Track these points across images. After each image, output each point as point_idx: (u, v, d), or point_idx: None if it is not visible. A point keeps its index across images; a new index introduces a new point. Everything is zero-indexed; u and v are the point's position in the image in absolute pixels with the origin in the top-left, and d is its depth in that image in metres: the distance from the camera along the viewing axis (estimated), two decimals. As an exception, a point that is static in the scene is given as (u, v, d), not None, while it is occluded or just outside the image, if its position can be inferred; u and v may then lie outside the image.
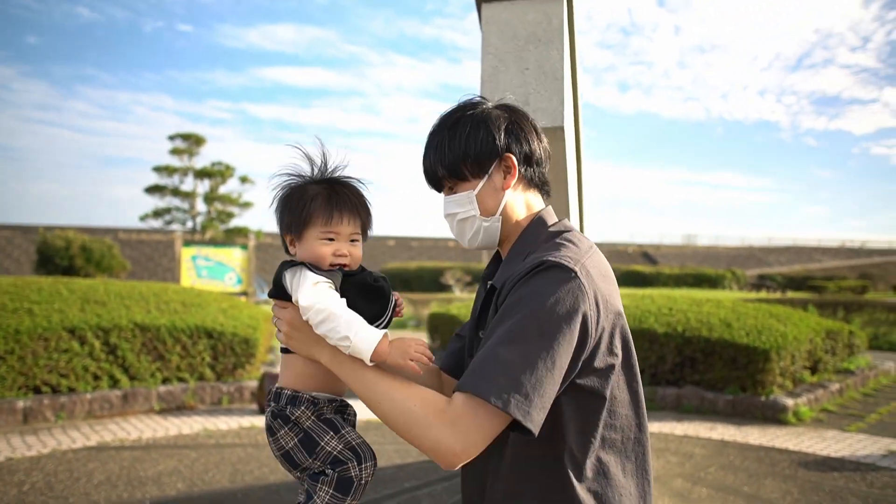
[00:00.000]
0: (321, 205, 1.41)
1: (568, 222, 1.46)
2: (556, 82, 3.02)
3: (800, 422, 7.32)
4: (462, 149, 1.39)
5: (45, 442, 5.91)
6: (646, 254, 58.16)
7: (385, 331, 1.34)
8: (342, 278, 1.37)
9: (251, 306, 10.41)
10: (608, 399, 1.32)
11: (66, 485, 4.87)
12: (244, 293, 18.87)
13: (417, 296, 23.14)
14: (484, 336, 1.34)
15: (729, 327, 8.19)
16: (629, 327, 1.38)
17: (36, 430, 6.23)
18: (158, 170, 36.12)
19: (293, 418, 1.38)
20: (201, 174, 36.38)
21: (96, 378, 7.09)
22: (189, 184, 37.00)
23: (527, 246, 1.40)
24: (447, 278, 27.46)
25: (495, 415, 1.21)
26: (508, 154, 1.40)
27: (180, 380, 7.63)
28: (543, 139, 1.48)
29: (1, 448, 5.64)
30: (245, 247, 20.19)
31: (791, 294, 28.73)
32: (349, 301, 1.33)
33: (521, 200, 1.45)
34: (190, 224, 37.49)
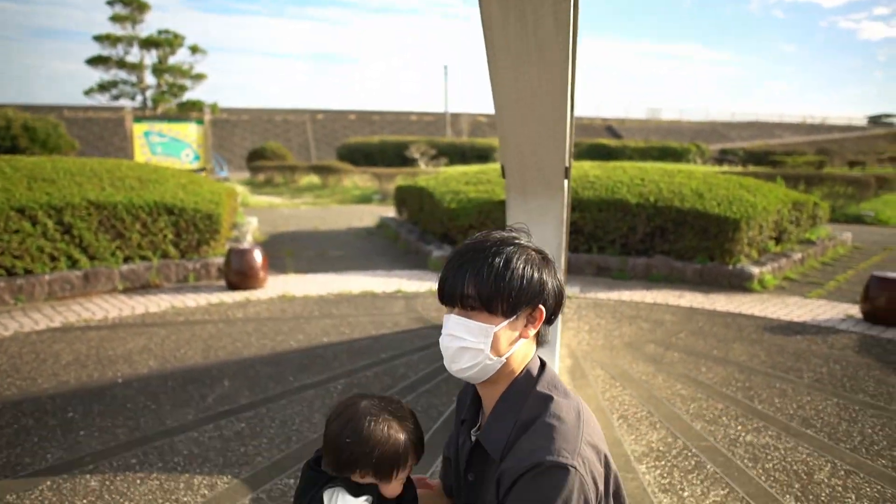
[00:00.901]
0: (416, 444, 1.43)
1: (550, 373, 1.43)
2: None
3: (764, 289, 7.52)
4: (511, 285, 1.33)
5: (5, 325, 5.71)
6: (610, 127, 57.87)
7: None
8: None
9: (212, 182, 10.01)
10: None
11: (32, 366, 4.73)
12: (202, 169, 18.20)
13: (382, 170, 22.71)
14: None
15: (701, 198, 8.18)
16: (602, 197, 1.28)
17: (-6, 311, 6.01)
18: (100, 39, 33.61)
19: None
20: (147, 43, 34.03)
21: (53, 259, 6.80)
22: (135, 55, 34.71)
23: (516, 405, 1.37)
24: (412, 151, 26.89)
25: None
26: (542, 307, 1.37)
27: (143, 258, 7.38)
28: (562, 292, 1.45)
29: (-42, 329, 5.44)
30: (201, 121, 19.21)
31: (752, 168, 29.12)
32: None
33: (526, 350, 1.41)
34: (140, 98, 35.55)
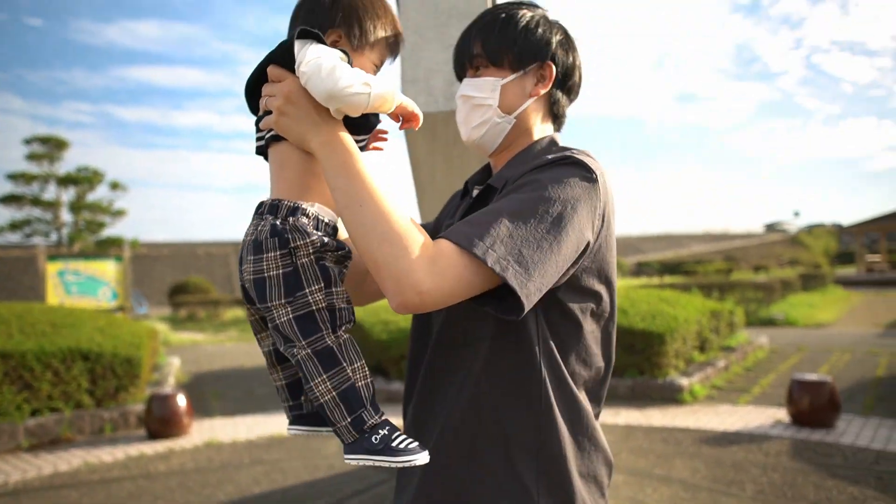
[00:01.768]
0: (395, 35, 1.25)
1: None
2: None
3: (695, 399, 7.68)
4: (513, 36, 1.30)
5: None
6: (533, 246, 60.11)
7: None
8: None
9: (132, 322, 9.58)
10: (584, 332, 1.25)
11: (-84, 547, 4.15)
12: (121, 308, 17.46)
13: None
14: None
15: (625, 314, 8.46)
16: None
17: None
18: (14, 177, 32.79)
19: (291, 245, 1.07)
20: (65, 181, 33.42)
21: (-51, 417, 6.20)
22: (51, 192, 33.93)
23: (536, 155, 1.29)
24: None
25: (479, 274, 1.07)
26: (551, 63, 1.33)
27: (53, 409, 6.82)
28: (582, 74, 1.41)
29: None
30: (120, 258, 18.67)
31: (668, 279, 30.62)
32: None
33: (539, 115, 1.36)
34: (55, 236, 34.38)
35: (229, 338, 17.81)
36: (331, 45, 1.13)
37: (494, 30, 1.31)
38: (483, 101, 1.31)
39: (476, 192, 1.37)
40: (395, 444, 1.05)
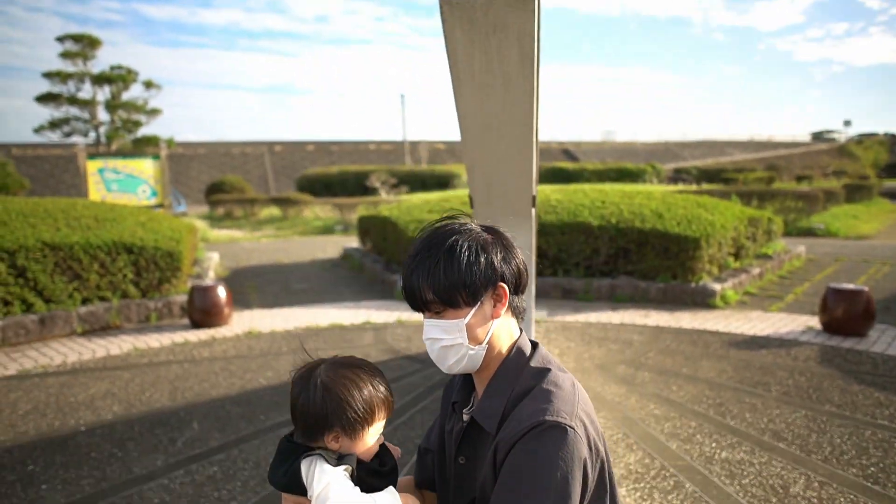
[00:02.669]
0: (385, 397, 1.39)
1: (543, 351, 1.45)
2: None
3: (727, 305, 7.69)
4: (461, 276, 1.35)
5: (-44, 373, 5.46)
6: (567, 150, 58.98)
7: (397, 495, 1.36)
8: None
9: (171, 218, 9.81)
10: None
11: (-14, 416, 4.51)
12: (160, 205, 17.89)
13: (343, 200, 22.63)
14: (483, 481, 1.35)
15: (661, 218, 8.36)
16: (565, 220, 1.28)
17: (-56, 362, 5.74)
18: (49, 76, 32.92)
19: None
20: (100, 80, 33.46)
21: (7, 304, 6.55)
22: (87, 91, 34.06)
23: (509, 381, 1.39)
24: (372, 181, 26.90)
25: None
26: (502, 283, 1.39)
27: (102, 299, 7.17)
28: (524, 261, 1.47)
29: None
30: (157, 157, 18.92)
31: (706, 186, 29.95)
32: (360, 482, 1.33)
33: (505, 328, 1.43)
34: (93, 135, 34.83)
35: (265, 235, 18.20)
36: (332, 441, 1.32)
37: (439, 275, 1.34)
38: (453, 342, 1.38)
39: (467, 420, 1.45)
40: None
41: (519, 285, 1.43)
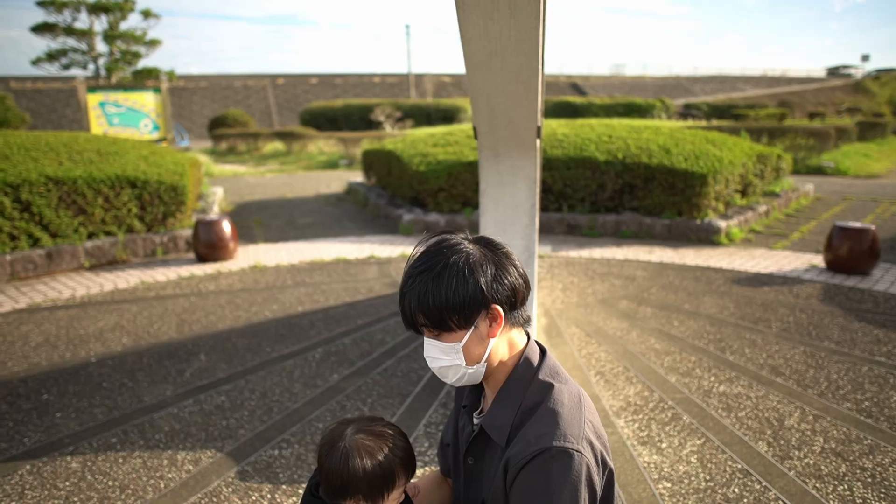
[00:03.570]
0: (405, 462, 1.43)
1: (551, 361, 1.43)
2: None
3: (731, 242, 7.68)
4: (448, 301, 1.32)
5: (-33, 305, 5.54)
6: (575, 85, 57.72)
7: None
8: None
9: (174, 152, 9.73)
10: None
11: (0, 349, 4.62)
12: (163, 139, 17.73)
13: (347, 134, 22.36)
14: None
15: (668, 153, 8.24)
16: (571, 155, 1.24)
17: (-45, 294, 5.83)
18: (44, 4, 32.05)
19: None
20: (96, 8, 32.58)
21: (13, 238, 6.59)
22: (84, 21, 33.23)
23: (518, 393, 1.39)
24: (377, 115, 26.47)
25: None
26: (495, 305, 1.35)
27: (108, 233, 7.20)
28: (522, 274, 1.42)
29: (-82, 314, 5.26)
30: (158, 90, 18.62)
31: (716, 122, 29.40)
32: None
33: (505, 341, 1.41)
34: (92, 68, 34.20)
35: (270, 170, 18.10)
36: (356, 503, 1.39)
37: (428, 300, 1.32)
38: (451, 363, 1.37)
39: (477, 427, 1.46)
40: None
41: (515, 302, 1.40)
